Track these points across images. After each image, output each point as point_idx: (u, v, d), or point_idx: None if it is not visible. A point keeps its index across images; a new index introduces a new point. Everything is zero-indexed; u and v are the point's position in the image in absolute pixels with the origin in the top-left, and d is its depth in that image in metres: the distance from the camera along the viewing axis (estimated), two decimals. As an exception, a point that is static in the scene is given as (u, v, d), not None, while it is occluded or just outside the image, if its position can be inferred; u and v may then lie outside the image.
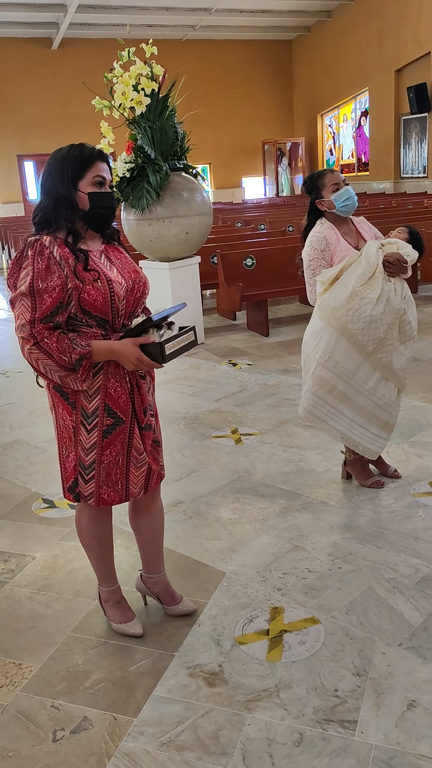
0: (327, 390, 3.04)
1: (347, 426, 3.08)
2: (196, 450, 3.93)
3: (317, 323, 3.06)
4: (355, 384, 3.02)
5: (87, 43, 18.59)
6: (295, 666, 2.18)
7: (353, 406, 3.05)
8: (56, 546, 2.99)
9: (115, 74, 5.43)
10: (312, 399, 3.09)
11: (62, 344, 1.99)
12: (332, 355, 3.00)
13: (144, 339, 2.06)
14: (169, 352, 2.07)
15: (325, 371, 3.02)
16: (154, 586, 2.48)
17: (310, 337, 3.10)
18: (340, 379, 3.02)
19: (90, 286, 2.03)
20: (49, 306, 1.99)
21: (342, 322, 2.95)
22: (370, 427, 3.08)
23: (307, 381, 3.12)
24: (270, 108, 22.07)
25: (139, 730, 1.97)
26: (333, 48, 19.57)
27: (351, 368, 3.00)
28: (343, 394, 3.04)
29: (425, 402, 4.43)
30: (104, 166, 2.12)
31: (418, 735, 1.89)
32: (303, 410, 3.15)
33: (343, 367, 3.00)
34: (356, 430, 3.08)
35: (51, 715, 2.05)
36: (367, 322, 2.93)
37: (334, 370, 3.01)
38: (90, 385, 2.10)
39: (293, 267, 6.81)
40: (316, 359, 3.04)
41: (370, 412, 3.07)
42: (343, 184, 3.09)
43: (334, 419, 3.08)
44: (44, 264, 2.00)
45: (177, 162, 5.86)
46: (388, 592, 2.52)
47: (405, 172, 17.52)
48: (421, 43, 15.72)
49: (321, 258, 3.08)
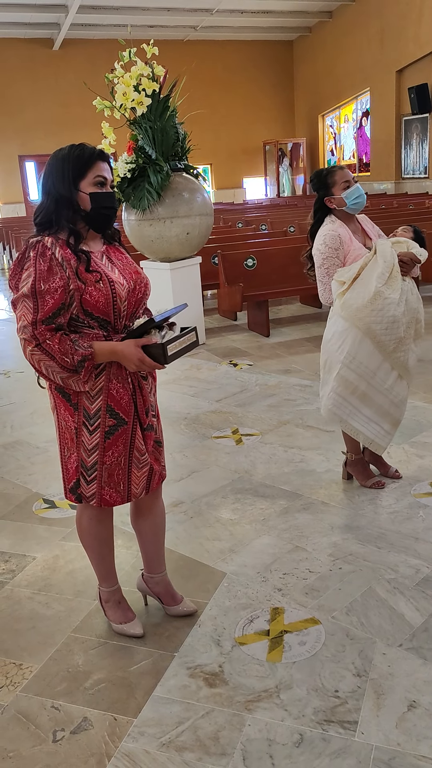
0: (350, 391, 3.05)
1: (365, 424, 3.10)
2: (196, 450, 3.93)
3: (341, 323, 3.03)
4: (376, 383, 3.04)
5: (88, 43, 18.60)
6: (296, 666, 2.18)
7: (372, 405, 3.07)
8: (57, 546, 2.99)
9: (116, 75, 5.43)
10: (336, 400, 3.08)
11: (64, 346, 1.98)
12: (357, 356, 3.01)
13: (146, 340, 2.06)
14: (171, 353, 2.07)
15: (349, 372, 3.03)
16: (155, 586, 2.48)
17: (332, 337, 3.08)
18: (363, 379, 3.03)
19: (92, 288, 2.03)
20: (51, 307, 1.99)
21: (366, 322, 2.95)
22: (383, 424, 3.11)
23: (330, 382, 3.10)
24: (271, 108, 22.07)
25: (139, 730, 1.97)
26: (334, 48, 19.57)
27: (373, 368, 3.02)
28: (364, 394, 3.05)
29: (426, 402, 4.42)
30: (105, 166, 2.11)
31: (418, 736, 1.89)
32: (326, 411, 3.14)
33: (366, 368, 3.01)
34: (372, 428, 3.10)
35: (51, 716, 2.05)
36: (390, 321, 2.94)
37: (358, 371, 3.02)
38: (92, 386, 2.10)
39: (294, 267, 6.85)
40: (340, 360, 3.03)
41: (387, 411, 3.09)
42: (353, 181, 3.09)
43: (354, 418, 3.10)
44: (46, 265, 1.99)
45: (178, 162, 5.86)
46: (389, 593, 2.51)
47: (406, 173, 17.52)
48: (422, 43, 15.71)
49: (335, 257, 3.05)
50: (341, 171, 3.10)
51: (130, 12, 16.74)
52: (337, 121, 20.90)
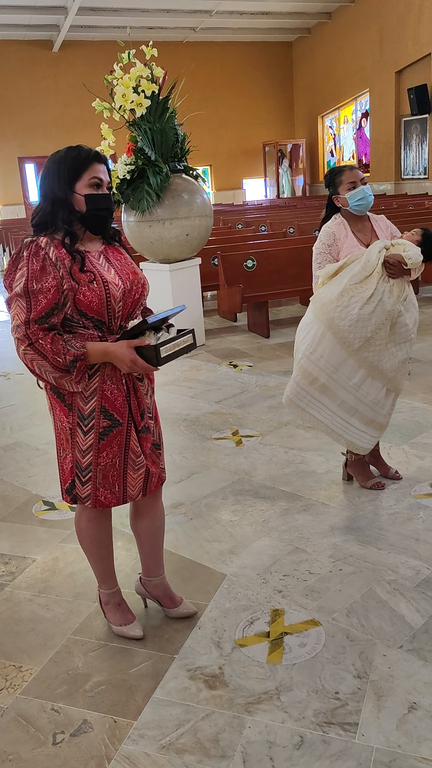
0: (309, 381, 3.08)
1: (329, 417, 3.10)
2: (196, 452, 3.92)
3: (309, 316, 3.12)
4: (339, 378, 3.05)
5: (88, 45, 18.61)
6: (296, 668, 2.17)
7: (335, 399, 3.08)
8: (57, 548, 2.99)
9: (116, 76, 5.43)
10: (295, 388, 3.13)
11: (57, 345, 1.98)
12: (317, 348, 3.04)
13: (139, 341, 2.05)
14: (164, 355, 2.06)
15: (309, 363, 3.06)
16: (153, 589, 2.48)
17: (302, 328, 3.16)
18: (323, 372, 3.05)
19: (85, 288, 2.03)
20: (44, 307, 1.99)
21: (330, 317, 2.99)
22: (352, 421, 3.09)
23: (294, 370, 3.16)
24: (270, 109, 22.08)
25: (139, 733, 1.97)
26: (333, 49, 19.58)
27: (334, 363, 3.03)
28: (324, 386, 3.06)
29: (426, 403, 4.42)
30: (102, 167, 2.11)
31: (419, 737, 1.89)
32: (285, 398, 3.19)
33: (326, 361, 3.03)
34: (338, 422, 3.10)
35: (51, 718, 2.05)
36: (354, 319, 2.96)
37: (318, 363, 3.04)
38: (86, 386, 2.09)
39: (294, 268, 6.87)
40: (302, 350, 3.09)
41: (353, 408, 3.08)
42: (360, 183, 3.11)
43: (315, 409, 3.11)
44: (39, 265, 1.99)
45: (177, 164, 5.86)
46: (389, 594, 2.51)
47: (406, 174, 17.52)
48: (421, 44, 15.72)
49: (327, 252, 3.12)
50: (350, 171, 3.13)
51: (129, 14, 16.76)
52: (337, 122, 20.90)
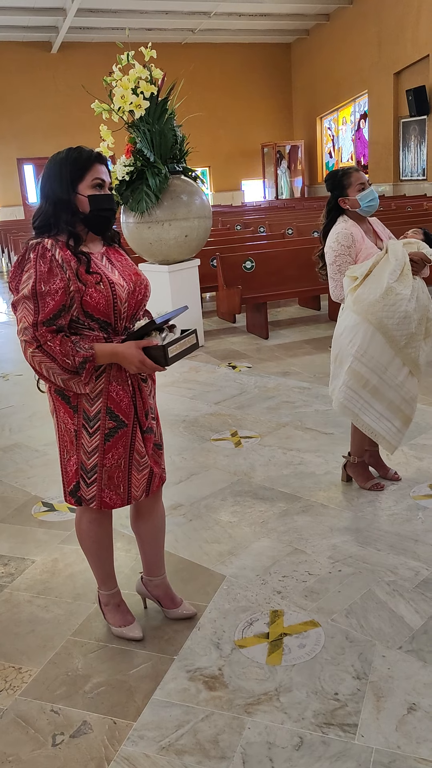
0: (362, 384, 3.07)
1: (376, 420, 3.10)
2: (195, 453, 3.92)
3: (352, 318, 3.07)
4: (387, 378, 3.06)
5: (86, 46, 18.63)
6: (295, 669, 2.17)
7: (384, 400, 3.08)
8: (56, 549, 2.99)
9: (115, 78, 5.43)
10: (348, 393, 3.10)
11: (65, 347, 1.98)
12: (368, 350, 3.03)
13: (147, 342, 2.05)
14: (172, 355, 2.07)
15: (360, 365, 3.05)
16: (154, 588, 2.48)
17: (344, 331, 3.11)
18: (374, 373, 3.05)
19: (92, 289, 2.03)
20: (52, 309, 1.98)
21: (378, 317, 2.98)
22: (395, 421, 3.12)
23: (341, 375, 3.12)
24: (269, 111, 22.11)
25: (139, 734, 1.97)
26: (332, 51, 19.61)
27: (384, 363, 3.04)
28: (375, 388, 3.07)
29: (425, 404, 4.42)
30: (103, 168, 2.11)
31: (418, 738, 1.89)
32: (338, 404, 3.15)
33: (377, 362, 3.03)
34: (384, 424, 3.11)
35: (50, 720, 2.05)
36: (402, 317, 2.97)
37: (369, 365, 3.04)
38: (92, 388, 2.09)
39: (293, 269, 6.87)
40: (351, 353, 3.06)
41: (398, 407, 3.10)
42: (367, 184, 3.12)
43: (366, 413, 3.11)
44: (47, 267, 1.99)
45: (176, 165, 5.86)
46: (389, 595, 2.51)
47: (404, 175, 17.54)
48: (419, 46, 15.75)
49: (347, 254, 3.10)
50: (357, 173, 3.14)
51: (128, 15, 16.78)
52: (335, 124, 20.93)
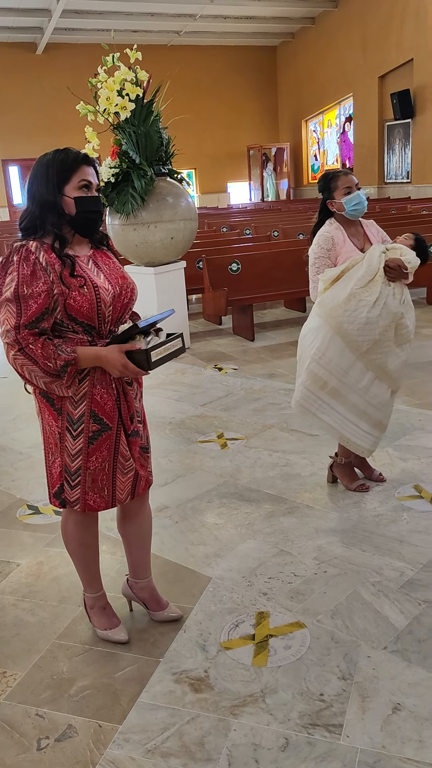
0: (319, 385, 3.10)
1: (339, 421, 3.13)
2: (182, 455, 3.92)
3: (315, 320, 3.13)
4: (348, 382, 3.08)
5: (72, 47, 18.58)
6: (281, 671, 2.18)
7: (345, 402, 3.11)
8: (41, 552, 2.98)
9: (100, 79, 5.43)
10: (304, 393, 3.15)
11: (47, 350, 1.98)
12: (326, 353, 3.06)
13: (130, 346, 2.05)
14: (155, 359, 2.06)
15: (318, 367, 3.09)
16: (140, 591, 2.47)
17: (307, 333, 3.17)
18: (333, 375, 3.08)
19: (76, 292, 2.02)
20: (35, 312, 1.98)
21: (338, 321, 3.01)
22: (360, 424, 3.13)
23: (301, 375, 3.17)
24: (255, 113, 22.16)
25: (125, 737, 1.96)
26: (317, 54, 19.70)
27: (344, 366, 3.06)
28: (335, 390, 3.09)
29: (410, 405, 4.45)
30: (90, 170, 2.11)
31: (403, 738, 1.90)
32: (295, 403, 3.21)
33: (336, 365, 3.06)
34: (348, 426, 3.13)
35: (35, 724, 2.04)
36: (363, 323, 2.99)
37: (327, 367, 3.07)
38: (76, 391, 2.09)
39: (278, 272, 6.89)
40: (310, 355, 3.11)
41: (362, 410, 3.12)
42: (355, 188, 3.15)
43: (325, 414, 3.14)
44: (30, 269, 1.99)
45: (162, 167, 5.86)
46: (374, 596, 2.52)
47: (389, 178, 17.66)
48: (404, 49, 15.87)
49: (326, 257, 3.14)
50: (345, 177, 3.17)
51: (113, 17, 16.75)
52: (321, 126, 21.03)
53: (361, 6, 17.14)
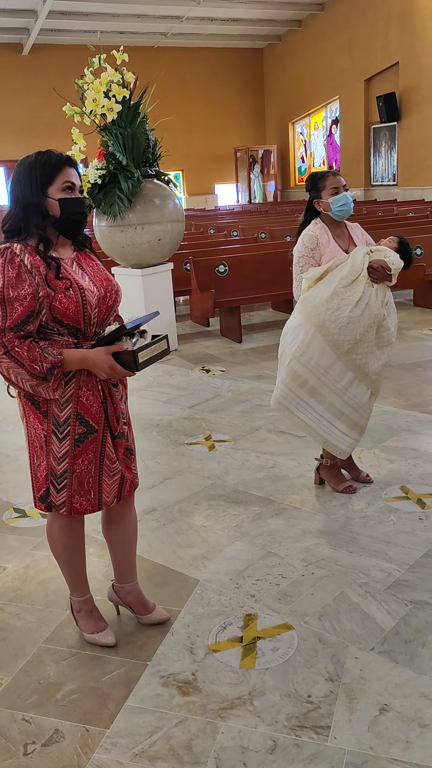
0: (299, 383, 3.11)
1: (316, 421, 3.14)
2: (169, 457, 3.91)
3: (297, 318, 3.13)
4: (327, 381, 3.08)
5: (58, 49, 18.52)
6: (269, 673, 2.18)
7: (323, 402, 3.11)
8: (27, 556, 2.96)
9: (86, 81, 5.41)
10: (284, 390, 3.16)
11: (33, 353, 1.97)
12: (307, 351, 3.07)
13: (117, 347, 2.05)
14: (142, 361, 2.06)
15: (298, 365, 3.09)
16: (126, 595, 2.46)
17: (289, 331, 3.17)
18: (313, 374, 3.08)
19: (62, 295, 2.02)
20: (20, 314, 1.97)
21: (320, 319, 3.02)
22: (338, 424, 3.13)
23: (282, 372, 3.17)
24: (242, 116, 22.20)
25: (112, 741, 1.95)
26: (303, 57, 19.78)
27: (324, 365, 3.07)
28: (314, 389, 3.10)
29: (396, 407, 4.47)
30: (73, 171, 2.10)
31: (390, 739, 1.90)
32: (274, 400, 3.22)
33: (316, 363, 3.07)
34: (324, 426, 3.14)
35: (22, 729, 2.02)
36: (345, 322, 3.00)
37: (308, 365, 3.08)
38: (62, 393, 2.08)
39: (266, 273, 6.91)
40: (291, 352, 3.11)
41: (340, 410, 3.12)
42: (342, 189, 3.15)
43: (303, 412, 3.15)
44: (15, 272, 1.98)
45: (149, 169, 5.86)
46: (361, 597, 2.53)
47: (375, 180, 17.75)
48: (390, 53, 15.97)
49: (310, 256, 3.15)
50: (333, 177, 3.18)
51: (100, 18, 16.73)
52: (307, 129, 21.10)
53: (347, 10, 17.23)
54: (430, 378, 5.10)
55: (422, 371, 5.26)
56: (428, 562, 2.73)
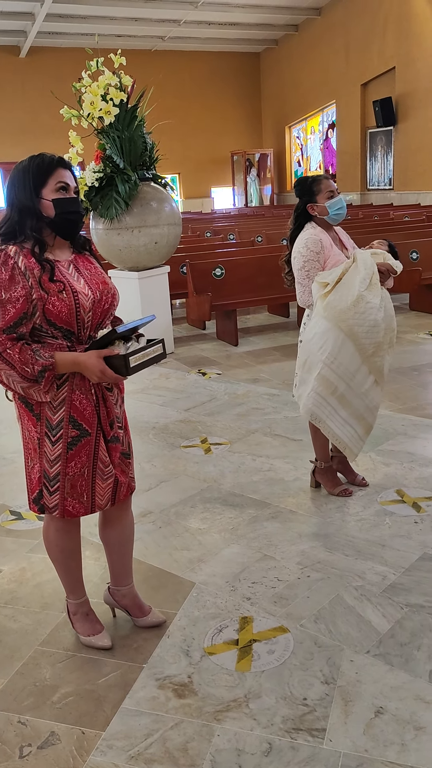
0: (330, 391, 3.08)
1: (341, 426, 3.13)
2: (165, 460, 3.92)
3: (323, 324, 3.07)
4: (354, 386, 3.09)
5: (55, 51, 18.55)
6: (265, 675, 2.18)
7: (349, 407, 3.11)
8: (23, 558, 2.96)
9: (84, 84, 5.42)
10: (317, 399, 3.11)
11: (25, 355, 1.97)
12: (338, 357, 3.05)
13: (108, 351, 2.05)
14: (133, 365, 2.05)
15: (330, 372, 3.06)
16: (122, 598, 2.46)
17: (313, 337, 3.11)
18: (342, 380, 3.07)
19: (55, 297, 2.02)
20: (13, 316, 1.97)
21: (350, 324, 3.00)
22: (357, 428, 3.15)
23: (310, 381, 3.12)
24: (239, 119, 22.26)
25: (108, 743, 1.95)
26: (300, 61, 19.84)
27: (352, 370, 3.06)
28: (342, 395, 3.09)
29: (392, 411, 4.49)
30: (67, 172, 2.11)
31: (385, 741, 1.91)
32: (306, 409, 3.16)
33: (346, 369, 3.06)
34: (347, 430, 3.13)
35: (18, 731, 2.02)
36: (372, 325, 3.01)
37: (338, 371, 3.06)
38: (54, 396, 2.08)
39: (262, 277, 6.92)
40: (322, 360, 3.06)
41: (361, 415, 3.14)
42: (336, 192, 3.16)
43: (332, 419, 3.13)
44: (8, 274, 1.98)
45: (146, 172, 5.87)
46: (356, 600, 2.54)
47: (371, 184, 17.81)
48: (386, 58, 16.04)
49: (316, 260, 3.12)
50: (326, 181, 3.18)
51: (97, 21, 16.76)
52: (304, 133, 21.17)
53: (344, 14, 17.31)
54: (426, 382, 5.12)
55: (418, 375, 5.28)
56: (423, 565, 2.74)
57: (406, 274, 7.32)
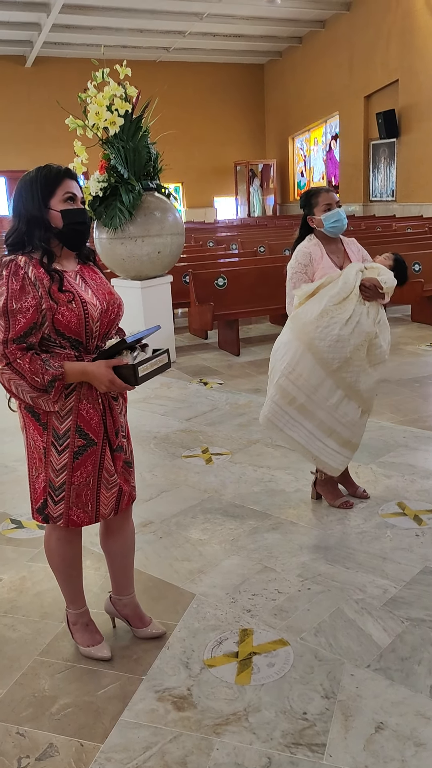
0: (288, 401, 3.09)
1: (306, 438, 3.12)
2: (166, 469, 3.91)
3: (287, 335, 3.13)
4: (317, 399, 3.07)
5: (61, 62, 18.68)
6: (264, 689, 2.17)
7: (314, 419, 3.10)
8: (24, 567, 2.95)
9: (89, 94, 5.46)
10: (273, 408, 3.14)
11: (35, 365, 1.98)
12: (296, 368, 3.06)
13: (117, 361, 2.06)
14: (142, 375, 2.07)
15: (287, 382, 3.08)
16: (123, 608, 2.46)
17: (279, 347, 3.17)
18: (302, 392, 3.07)
19: (64, 308, 2.03)
20: (23, 326, 1.98)
21: (310, 337, 3.02)
22: (328, 442, 3.12)
23: (271, 389, 3.17)
24: (242, 130, 22.38)
25: (106, 756, 1.94)
26: (304, 73, 19.97)
27: (314, 383, 3.06)
28: (303, 406, 3.08)
29: (393, 423, 4.48)
30: (73, 183, 2.13)
31: (385, 757, 1.90)
32: (263, 417, 3.20)
33: (305, 381, 3.06)
34: (315, 443, 3.12)
35: (16, 743, 2.01)
36: (334, 340, 3.00)
37: (297, 383, 3.07)
38: (62, 406, 2.09)
39: (264, 287, 6.94)
40: (280, 369, 3.10)
41: (331, 428, 3.11)
42: (335, 205, 3.18)
43: (293, 430, 3.12)
44: (18, 284, 1.99)
45: (150, 182, 5.89)
46: (357, 613, 2.53)
47: (374, 196, 17.88)
48: (389, 70, 16.14)
49: (303, 272, 3.15)
50: (326, 194, 3.20)
51: (103, 32, 16.89)
52: (307, 144, 21.27)
53: (348, 27, 17.43)
54: (427, 393, 5.12)
55: (419, 387, 5.28)
56: (425, 578, 2.73)
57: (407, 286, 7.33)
